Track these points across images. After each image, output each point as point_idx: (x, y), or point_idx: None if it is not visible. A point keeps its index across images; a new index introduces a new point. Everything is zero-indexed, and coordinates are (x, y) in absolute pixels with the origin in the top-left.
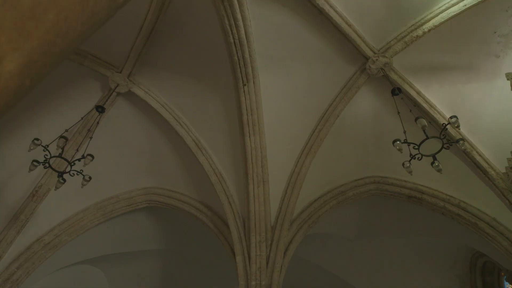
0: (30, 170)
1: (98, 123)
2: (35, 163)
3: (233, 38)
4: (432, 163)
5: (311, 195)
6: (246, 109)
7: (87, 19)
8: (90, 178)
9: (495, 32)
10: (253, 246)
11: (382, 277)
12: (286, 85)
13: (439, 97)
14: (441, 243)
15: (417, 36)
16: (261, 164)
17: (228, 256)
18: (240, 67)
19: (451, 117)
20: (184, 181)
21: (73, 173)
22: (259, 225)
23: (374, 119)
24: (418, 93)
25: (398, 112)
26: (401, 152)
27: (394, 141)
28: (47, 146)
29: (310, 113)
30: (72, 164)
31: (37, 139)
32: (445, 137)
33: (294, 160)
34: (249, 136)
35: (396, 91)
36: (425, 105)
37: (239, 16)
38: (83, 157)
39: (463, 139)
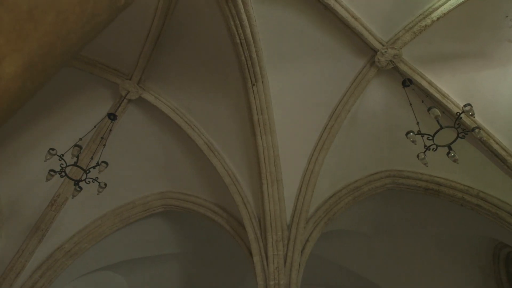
0: (47, 179)
1: (110, 130)
2: (51, 172)
3: (239, 39)
4: (448, 154)
5: (326, 192)
6: (256, 109)
7: (87, 21)
8: (105, 185)
9: (506, 16)
10: (270, 246)
11: (402, 272)
12: (295, 83)
13: (452, 86)
14: (462, 235)
15: (425, 25)
16: (274, 163)
17: (246, 257)
18: (248, 67)
19: (465, 105)
20: (199, 184)
21: (88, 181)
22: (275, 225)
23: (386, 112)
24: (430, 83)
25: (410, 104)
26: (415, 144)
27: (407, 133)
28: (63, 155)
29: (320, 109)
30: (88, 172)
31: (53, 149)
32: (459, 126)
33: (307, 158)
34: (261, 136)
35: (407, 82)
36: (437, 95)
37: (244, 16)
38: (97, 164)
39: (478, 127)
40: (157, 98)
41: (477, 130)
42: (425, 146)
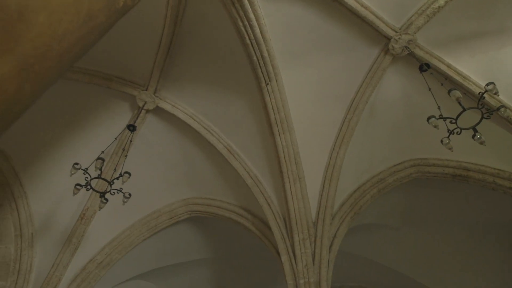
0: (74, 193)
1: (131, 141)
2: (78, 186)
3: (249, 39)
4: (473, 136)
5: (350, 186)
6: (272, 108)
7: (84, 23)
8: (129, 195)
9: None
10: (297, 244)
11: (435, 262)
12: (309, 78)
13: (472, 67)
14: (497, 220)
15: (439, 6)
16: (294, 161)
17: (274, 257)
18: (260, 66)
19: (487, 84)
20: (221, 188)
21: (113, 192)
22: (300, 223)
23: (405, 100)
24: (449, 66)
25: (429, 89)
26: (438, 129)
27: (428, 118)
28: (87, 169)
29: (337, 103)
30: (112, 183)
31: (77, 164)
32: (483, 106)
33: (327, 153)
34: (279, 135)
35: (424, 67)
36: (457, 78)
37: (252, 16)
38: (120, 175)
39: (504, 106)
40: (174, 106)
41: (502, 109)
42: (448, 130)
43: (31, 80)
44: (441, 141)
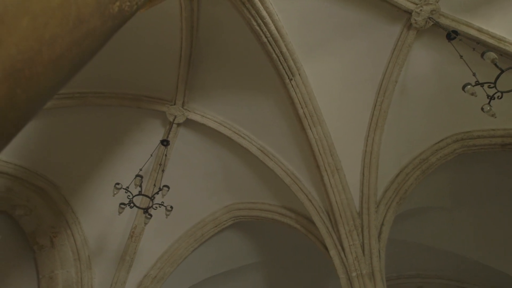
0: (119, 213)
1: (166, 155)
2: (122, 205)
3: (266, 37)
4: None
5: (391, 171)
6: (300, 103)
7: (74, 27)
8: (171, 207)
9: None
10: (344, 237)
11: (498, 241)
12: (333, 67)
13: (506, 27)
14: None
15: None
16: (330, 153)
17: (322, 253)
18: (281, 63)
19: None
20: (260, 189)
21: (155, 207)
22: (344, 215)
23: (437, 73)
24: (480, 30)
25: (461, 56)
26: (475, 96)
27: (464, 86)
28: (127, 187)
29: (365, 87)
30: (153, 198)
31: (118, 183)
32: None
33: (363, 140)
34: (310, 128)
35: (452, 34)
36: (491, 41)
37: (264, 14)
38: (160, 189)
39: None
40: (203, 116)
41: None
42: (488, 96)
43: (23, 85)
44: (482, 109)
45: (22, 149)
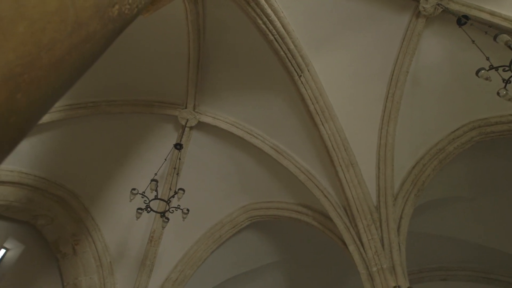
0: (137, 218)
1: (180, 159)
2: (139, 210)
3: (272, 35)
4: None
5: (407, 162)
6: (310, 99)
7: (73, 31)
8: (188, 210)
9: None
10: (362, 232)
11: None
12: (342, 61)
13: None
14: None
15: None
16: (343, 148)
17: (341, 248)
18: (289, 60)
19: None
20: (276, 188)
21: (172, 210)
22: (361, 209)
23: (449, 60)
24: (492, 13)
25: (473, 41)
26: (490, 81)
27: (478, 71)
28: (144, 192)
29: (376, 79)
30: (169, 202)
31: (134, 189)
32: None
33: (376, 133)
34: (322, 124)
35: (463, 19)
36: (505, 24)
37: (269, 11)
38: (175, 193)
39: None
40: (215, 118)
41: None
42: (503, 80)
43: (23, 90)
44: (498, 94)
45: (41, 160)
